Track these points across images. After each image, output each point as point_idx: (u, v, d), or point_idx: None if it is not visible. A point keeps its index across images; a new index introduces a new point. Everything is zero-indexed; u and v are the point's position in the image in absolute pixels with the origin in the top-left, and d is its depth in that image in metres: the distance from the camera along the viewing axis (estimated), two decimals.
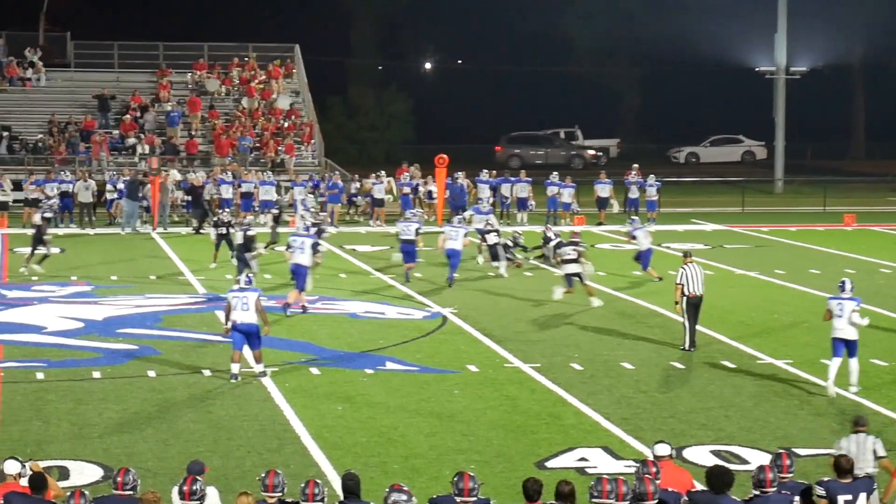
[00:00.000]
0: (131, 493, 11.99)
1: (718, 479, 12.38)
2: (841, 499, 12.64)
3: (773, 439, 18.04)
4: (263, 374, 21.42)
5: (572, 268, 28.34)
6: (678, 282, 23.67)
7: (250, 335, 21.26)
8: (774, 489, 12.22)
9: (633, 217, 34.91)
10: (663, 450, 13.17)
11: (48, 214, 34.90)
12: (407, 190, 44.36)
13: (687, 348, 23.71)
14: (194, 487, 11.92)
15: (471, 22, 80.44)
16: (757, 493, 12.23)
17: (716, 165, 69.68)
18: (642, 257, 32.06)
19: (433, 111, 77.15)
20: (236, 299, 21.24)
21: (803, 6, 62.53)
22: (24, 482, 12.61)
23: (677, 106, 78.68)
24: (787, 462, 12.72)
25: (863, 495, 12.76)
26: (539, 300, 29.01)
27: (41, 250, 32.50)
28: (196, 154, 51.20)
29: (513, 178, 45.59)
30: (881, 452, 14.16)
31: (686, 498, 12.39)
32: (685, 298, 23.60)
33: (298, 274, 27.00)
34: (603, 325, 26.26)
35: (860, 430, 14.27)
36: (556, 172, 46.08)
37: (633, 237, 32.22)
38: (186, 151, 51.14)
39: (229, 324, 21.29)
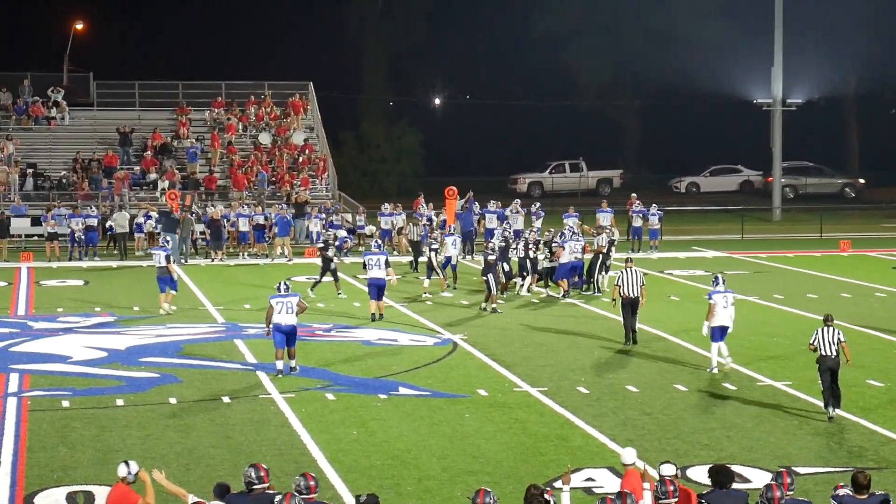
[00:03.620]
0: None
1: (724, 475, 12.87)
2: None
3: (774, 458, 18.02)
4: (295, 369, 23.55)
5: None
6: (616, 283, 26.59)
7: (290, 335, 23.44)
8: None
9: (564, 231, 35.41)
10: (669, 470, 13.17)
11: None
12: (424, 221, 44.47)
13: (625, 343, 26.34)
14: None
15: (478, 58, 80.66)
16: None
17: (715, 194, 69.67)
18: (559, 269, 33.15)
19: (442, 144, 77.26)
20: (280, 304, 23.30)
21: (799, 41, 62.67)
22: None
23: (678, 137, 78.72)
24: (788, 480, 12.72)
25: None
26: (545, 326, 29.02)
27: None
28: (214, 189, 51.24)
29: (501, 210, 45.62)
30: (842, 339, 20.11)
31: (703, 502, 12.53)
32: (621, 299, 26.36)
33: (375, 286, 29.46)
34: (607, 350, 26.26)
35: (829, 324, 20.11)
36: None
37: (562, 247, 33.19)
38: (206, 186, 51.24)
39: (271, 326, 23.35)
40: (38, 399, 21.92)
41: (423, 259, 36.38)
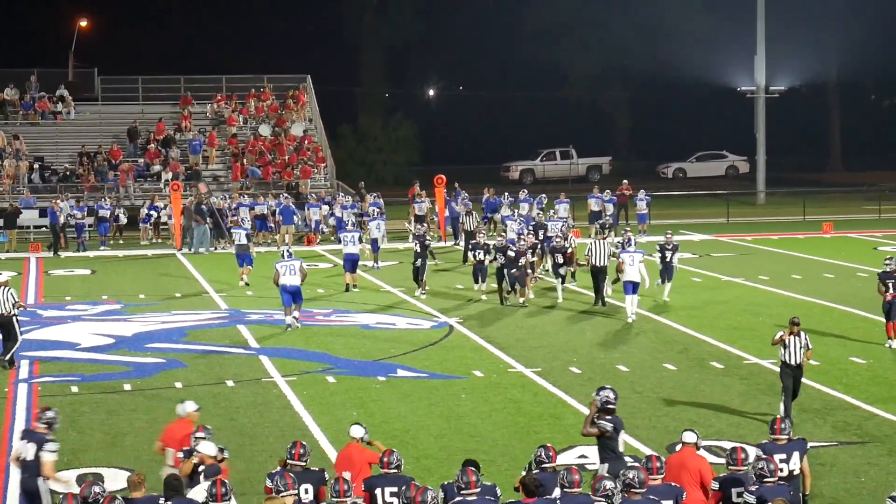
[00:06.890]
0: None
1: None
2: (777, 458, 12.89)
3: (760, 434, 17.95)
4: (297, 323, 25.91)
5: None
6: (585, 254, 29.04)
7: (295, 294, 25.77)
8: (774, 480, 12.22)
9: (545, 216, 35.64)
10: (690, 437, 13.34)
11: None
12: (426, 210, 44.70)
13: (594, 304, 28.81)
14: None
15: (471, 51, 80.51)
16: (758, 485, 12.23)
17: (702, 179, 69.62)
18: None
19: (437, 135, 77.16)
20: (285, 267, 25.60)
21: (781, 30, 62.59)
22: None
23: (665, 125, 78.70)
24: (742, 455, 12.76)
25: (796, 454, 13.18)
26: (538, 309, 29.00)
27: None
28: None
29: (512, 197, 45.55)
30: (809, 345, 18.98)
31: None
32: (590, 268, 28.75)
33: (349, 260, 31.47)
34: (598, 332, 26.25)
35: (796, 328, 18.82)
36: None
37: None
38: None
39: (278, 287, 25.67)
40: (48, 385, 21.92)
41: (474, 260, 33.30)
